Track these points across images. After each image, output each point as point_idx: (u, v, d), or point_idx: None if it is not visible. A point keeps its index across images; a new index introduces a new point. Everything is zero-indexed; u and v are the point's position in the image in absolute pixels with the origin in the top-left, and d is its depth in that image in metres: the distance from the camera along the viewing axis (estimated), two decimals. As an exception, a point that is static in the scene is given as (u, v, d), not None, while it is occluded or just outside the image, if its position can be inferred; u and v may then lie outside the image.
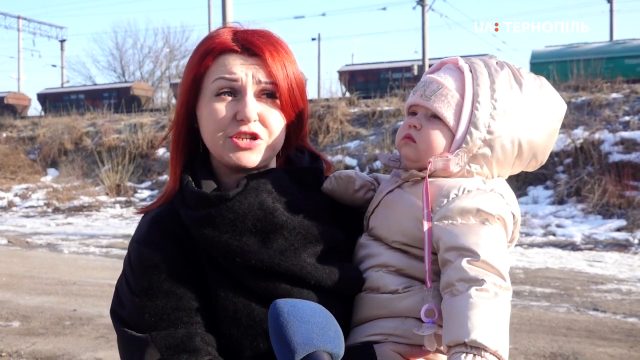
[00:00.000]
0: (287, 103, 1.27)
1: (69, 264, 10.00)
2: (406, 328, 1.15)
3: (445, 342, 1.05)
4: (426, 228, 1.15)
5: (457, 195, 1.17)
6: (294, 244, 1.21)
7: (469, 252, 1.09)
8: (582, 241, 10.94)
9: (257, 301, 1.17)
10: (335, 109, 19.04)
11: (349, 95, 22.26)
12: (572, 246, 10.66)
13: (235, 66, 1.23)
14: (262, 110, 1.24)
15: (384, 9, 36.70)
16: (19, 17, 42.31)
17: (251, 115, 1.21)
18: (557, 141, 13.67)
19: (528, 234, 11.69)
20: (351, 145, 17.87)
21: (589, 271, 8.57)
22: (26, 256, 10.93)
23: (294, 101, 1.28)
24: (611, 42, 22.26)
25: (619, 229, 11.50)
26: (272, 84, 1.24)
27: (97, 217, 17.08)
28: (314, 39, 40.49)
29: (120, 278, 1.26)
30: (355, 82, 25.60)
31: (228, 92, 1.24)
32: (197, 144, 1.32)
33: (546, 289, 7.44)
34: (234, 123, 1.23)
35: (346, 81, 25.92)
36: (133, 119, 23.88)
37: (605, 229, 11.57)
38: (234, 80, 1.23)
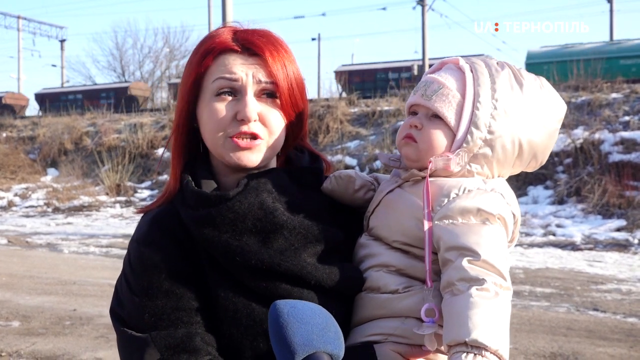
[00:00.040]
0: (287, 103, 1.27)
1: (69, 263, 10.00)
2: (406, 328, 1.15)
3: (446, 342, 1.05)
4: (427, 227, 1.15)
5: (457, 195, 1.17)
6: (294, 243, 1.21)
7: (469, 252, 1.09)
8: (582, 241, 10.94)
9: (257, 301, 1.17)
10: (335, 109, 19.04)
11: (345, 95, 22.25)
12: (572, 246, 10.66)
13: (236, 66, 1.23)
14: (262, 110, 1.24)
15: (384, 9, 36.69)
16: (18, 17, 42.32)
17: (251, 115, 1.21)
18: (557, 141, 13.69)
19: (528, 234, 11.69)
20: (351, 145, 17.87)
21: (589, 271, 8.57)
22: (26, 256, 10.93)
23: (294, 101, 1.28)
24: (606, 43, 22.23)
25: (619, 229, 11.50)
26: (272, 83, 1.24)
27: (97, 216, 17.08)
28: (314, 39, 40.54)
29: (120, 278, 1.25)
30: (352, 82, 25.61)
31: (228, 92, 1.23)
32: (198, 144, 1.32)
33: (546, 289, 7.44)
34: (234, 123, 1.22)
35: (345, 81, 25.92)
36: (133, 118, 23.88)
37: (605, 229, 11.57)
38: (234, 80, 1.23)
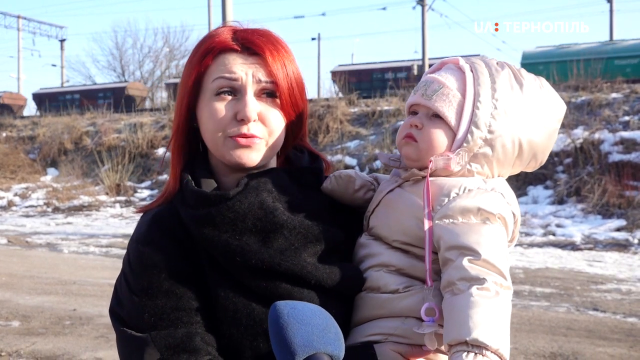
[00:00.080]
0: (287, 102, 1.27)
1: (69, 263, 9.99)
2: (406, 328, 1.15)
3: (447, 341, 1.05)
4: (427, 227, 1.15)
5: (458, 194, 1.17)
6: (294, 243, 1.20)
7: (470, 251, 1.09)
8: (582, 241, 10.94)
9: (257, 301, 1.17)
10: (335, 109, 19.03)
11: (341, 95, 22.27)
12: (572, 246, 10.66)
13: (235, 65, 1.23)
14: (262, 110, 1.24)
15: (383, 8, 36.71)
16: (18, 17, 42.31)
17: (251, 114, 1.21)
18: (557, 141, 13.68)
19: (528, 234, 11.69)
20: (351, 145, 17.87)
21: (588, 271, 8.57)
22: (26, 256, 10.92)
23: (293, 100, 1.28)
24: (601, 43, 22.21)
25: (618, 229, 11.51)
26: (272, 83, 1.24)
27: (97, 216, 17.08)
28: (313, 38, 40.55)
29: (119, 277, 1.25)
30: (349, 82, 25.65)
31: (228, 92, 1.23)
32: (197, 144, 1.32)
33: (546, 288, 7.44)
34: (234, 123, 1.22)
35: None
36: (133, 118, 23.87)
37: (605, 228, 11.57)
38: (234, 79, 1.22)
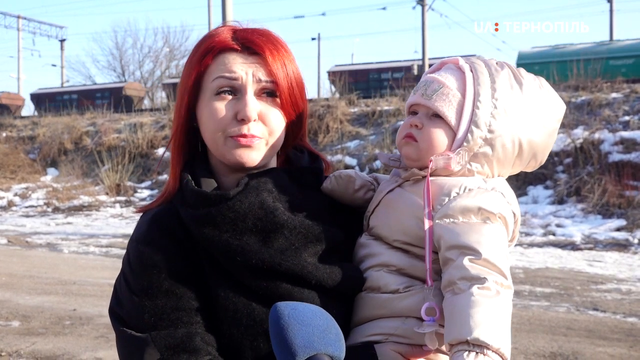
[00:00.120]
0: (287, 102, 1.27)
1: (69, 263, 9.99)
2: (407, 328, 1.15)
3: (447, 341, 1.05)
4: (427, 226, 1.15)
5: (458, 194, 1.17)
6: (294, 243, 1.20)
7: (470, 251, 1.09)
8: (582, 241, 10.94)
9: (258, 301, 1.17)
10: (335, 109, 19.03)
11: (338, 95, 22.29)
12: (572, 246, 10.66)
13: (235, 65, 1.23)
14: (263, 109, 1.24)
15: (383, 8, 36.67)
16: (18, 17, 42.31)
17: (251, 114, 1.21)
18: (557, 141, 13.62)
19: (528, 234, 11.68)
20: (351, 145, 17.87)
21: (588, 271, 8.57)
22: (26, 256, 10.92)
23: (294, 100, 1.28)
24: (596, 44, 22.19)
25: (618, 229, 11.50)
26: (273, 82, 1.24)
27: (97, 216, 17.08)
28: (313, 38, 40.60)
29: (119, 277, 1.25)
30: (346, 82, 25.72)
31: (228, 91, 1.23)
32: (197, 144, 1.32)
33: (546, 288, 7.43)
34: (234, 123, 1.22)
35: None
36: (133, 118, 23.87)
37: (605, 228, 11.57)
38: (234, 79, 1.22)
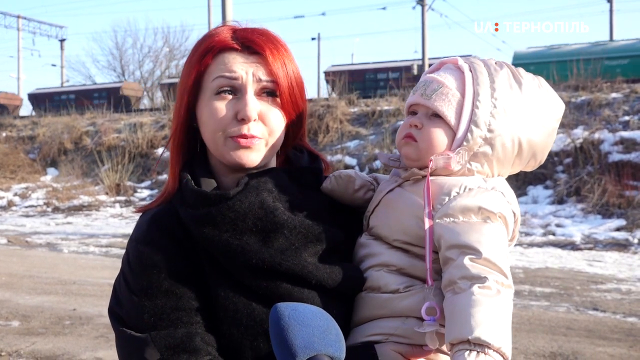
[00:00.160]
0: (288, 101, 1.26)
1: (69, 263, 9.99)
2: (407, 328, 1.15)
3: (448, 340, 1.05)
4: (427, 226, 1.15)
5: (458, 193, 1.17)
6: (294, 243, 1.20)
7: (471, 250, 1.09)
8: (582, 241, 10.94)
9: (258, 301, 1.17)
10: (335, 109, 19.03)
11: (334, 95, 22.33)
12: (572, 246, 10.66)
13: (236, 64, 1.23)
14: (263, 109, 1.24)
15: (383, 8, 36.66)
16: (18, 17, 42.29)
17: (252, 114, 1.21)
18: (557, 141, 13.59)
19: (528, 234, 11.68)
20: (351, 144, 17.86)
21: (588, 271, 8.57)
22: (26, 256, 10.92)
23: (294, 100, 1.28)
24: (591, 44, 22.17)
25: (618, 229, 11.50)
26: (273, 82, 1.24)
27: (96, 216, 17.08)
28: (313, 38, 40.64)
29: (119, 277, 1.25)
30: (344, 82, 25.79)
31: (228, 91, 1.23)
32: (196, 143, 1.31)
33: (546, 288, 7.43)
34: (235, 123, 1.22)
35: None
36: (133, 118, 23.86)
37: (604, 228, 11.57)
38: (234, 78, 1.22)
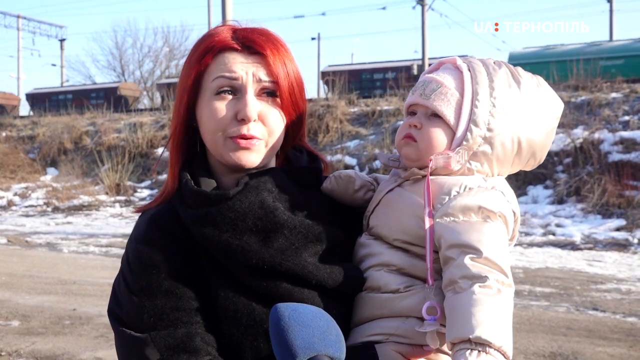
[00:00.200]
0: (288, 102, 1.26)
1: (69, 263, 9.99)
2: (407, 328, 1.15)
3: (449, 340, 1.05)
4: (428, 225, 1.15)
5: (458, 193, 1.17)
6: (294, 243, 1.20)
7: (471, 249, 1.09)
8: (582, 241, 10.94)
9: (258, 301, 1.16)
10: (335, 109, 19.03)
11: (331, 95, 22.37)
12: (572, 246, 10.66)
13: (236, 64, 1.23)
14: (263, 110, 1.24)
15: (383, 8, 36.67)
16: (18, 16, 42.28)
17: (252, 114, 1.21)
18: (557, 141, 13.57)
19: (528, 234, 11.68)
20: (351, 144, 17.86)
21: (588, 271, 8.57)
22: (26, 255, 10.92)
23: (294, 100, 1.28)
24: (586, 44, 22.18)
25: (618, 229, 11.50)
26: (273, 82, 1.24)
27: (96, 216, 17.08)
28: (313, 38, 40.69)
29: (118, 277, 1.25)
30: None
31: (228, 91, 1.23)
32: (196, 143, 1.31)
33: (546, 288, 7.43)
34: (234, 123, 1.22)
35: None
36: (132, 118, 23.86)
37: (604, 228, 11.57)
38: (234, 78, 1.22)
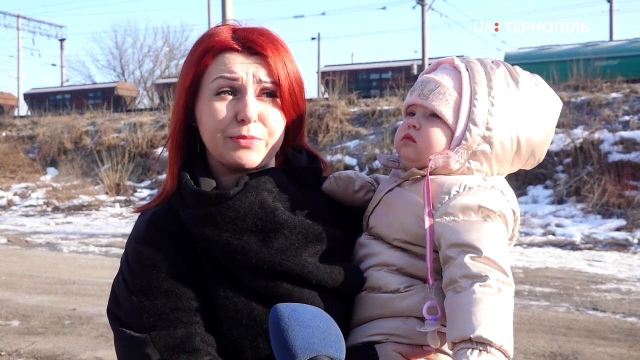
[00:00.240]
0: (288, 102, 1.26)
1: (69, 263, 9.99)
2: (407, 328, 1.15)
3: (450, 339, 1.05)
4: (428, 225, 1.15)
5: (458, 192, 1.17)
6: (294, 243, 1.20)
7: (471, 249, 1.09)
8: (582, 241, 10.94)
9: (258, 301, 1.16)
10: (335, 109, 19.03)
11: (327, 95, 22.39)
12: (572, 246, 10.66)
13: (236, 65, 1.22)
14: (263, 110, 1.23)
15: (383, 8, 36.66)
16: (18, 16, 42.25)
17: (252, 115, 1.21)
18: (557, 141, 13.55)
19: (528, 234, 11.68)
20: (351, 144, 17.86)
21: (588, 271, 8.57)
22: (26, 255, 10.92)
23: (294, 100, 1.28)
24: (582, 45, 22.21)
25: (618, 229, 11.50)
26: (274, 83, 1.24)
27: (96, 216, 17.07)
28: (313, 38, 40.71)
29: (117, 277, 1.25)
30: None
31: (228, 92, 1.23)
32: (195, 143, 1.31)
33: (546, 288, 7.43)
34: (234, 123, 1.22)
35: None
36: (132, 118, 23.86)
37: (604, 228, 11.57)
38: (234, 79, 1.22)
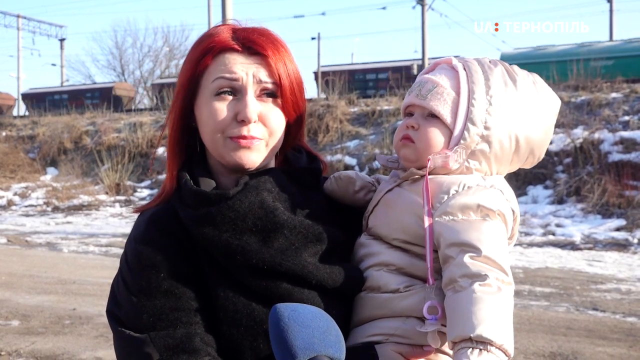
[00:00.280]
0: (288, 102, 1.26)
1: (69, 263, 9.99)
2: (407, 328, 1.15)
3: (450, 338, 1.05)
4: (427, 224, 1.15)
5: (457, 192, 1.17)
6: (294, 243, 1.20)
7: (470, 248, 1.09)
8: (582, 241, 10.93)
9: (258, 301, 1.16)
10: (335, 108, 19.03)
11: (323, 95, 22.43)
12: (572, 246, 10.66)
13: (236, 65, 1.22)
14: (263, 110, 1.23)
15: (383, 8, 36.66)
16: (18, 16, 42.26)
17: (252, 115, 1.20)
18: (557, 141, 13.54)
19: (527, 234, 11.68)
20: (351, 144, 17.86)
21: (588, 271, 8.57)
22: (26, 255, 10.92)
23: (294, 100, 1.28)
24: (577, 45, 22.23)
25: (618, 229, 11.50)
26: (274, 83, 1.23)
27: (96, 216, 17.07)
28: (313, 38, 40.67)
29: (117, 277, 1.24)
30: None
31: (228, 92, 1.22)
32: (195, 143, 1.31)
33: (546, 288, 7.43)
34: (234, 124, 1.22)
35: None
36: (132, 118, 23.86)
37: (604, 228, 11.56)
38: (234, 79, 1.22)
